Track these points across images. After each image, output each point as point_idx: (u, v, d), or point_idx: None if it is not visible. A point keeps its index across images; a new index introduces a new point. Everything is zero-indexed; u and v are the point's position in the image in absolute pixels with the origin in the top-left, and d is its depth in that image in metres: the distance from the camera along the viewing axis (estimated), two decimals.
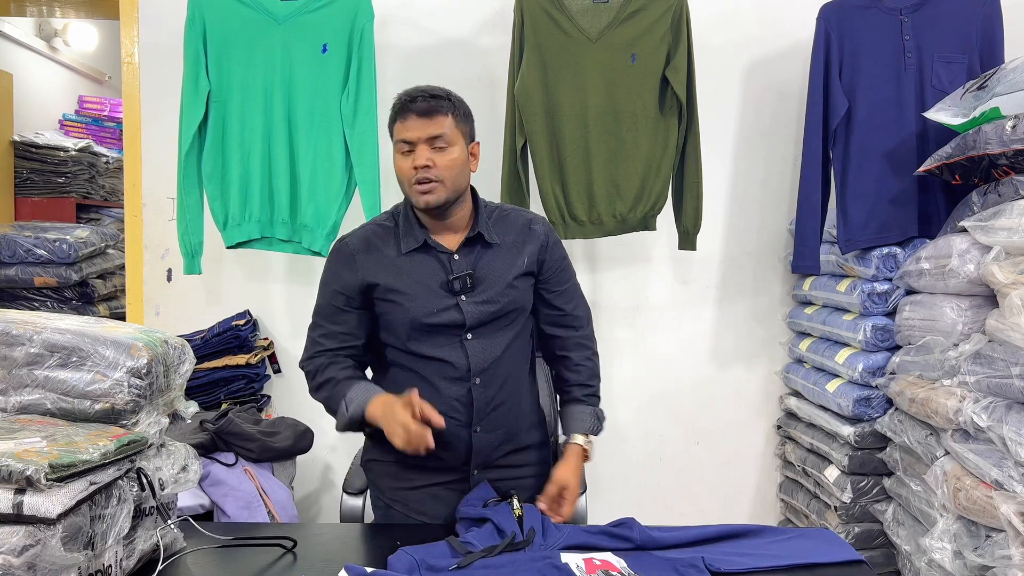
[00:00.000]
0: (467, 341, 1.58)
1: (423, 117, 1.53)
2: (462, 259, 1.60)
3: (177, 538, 1.33)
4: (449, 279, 1.57)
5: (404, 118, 1.54)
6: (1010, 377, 1.78)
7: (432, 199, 1.54)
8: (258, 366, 2.68)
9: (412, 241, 1.60)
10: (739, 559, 1.30)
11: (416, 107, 1.53)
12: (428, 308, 1.56)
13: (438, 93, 1.56)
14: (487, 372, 1.59)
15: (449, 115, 1.55)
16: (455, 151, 1.55)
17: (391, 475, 1.65)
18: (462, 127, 1.58)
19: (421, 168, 1.52)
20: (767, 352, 2.90)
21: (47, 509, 0.98)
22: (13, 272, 3.56)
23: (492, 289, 1.59)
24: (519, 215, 1.70)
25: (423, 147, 1.53)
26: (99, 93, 5.31)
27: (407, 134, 1.54)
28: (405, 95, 1.57)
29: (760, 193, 2.85)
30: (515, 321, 1.63)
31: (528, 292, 1.65)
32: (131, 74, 2.76)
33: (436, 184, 1.53)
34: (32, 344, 1.18)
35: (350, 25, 2.46)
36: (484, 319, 1.58)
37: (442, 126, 1.54)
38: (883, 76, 2.46)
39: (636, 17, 2.46)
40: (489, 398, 1.60)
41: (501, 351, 1.60)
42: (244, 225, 2.51)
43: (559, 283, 1.70)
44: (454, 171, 1.55)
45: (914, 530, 2.19)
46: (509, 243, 1.64)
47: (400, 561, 1.25)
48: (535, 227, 1.67)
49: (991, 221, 1.94)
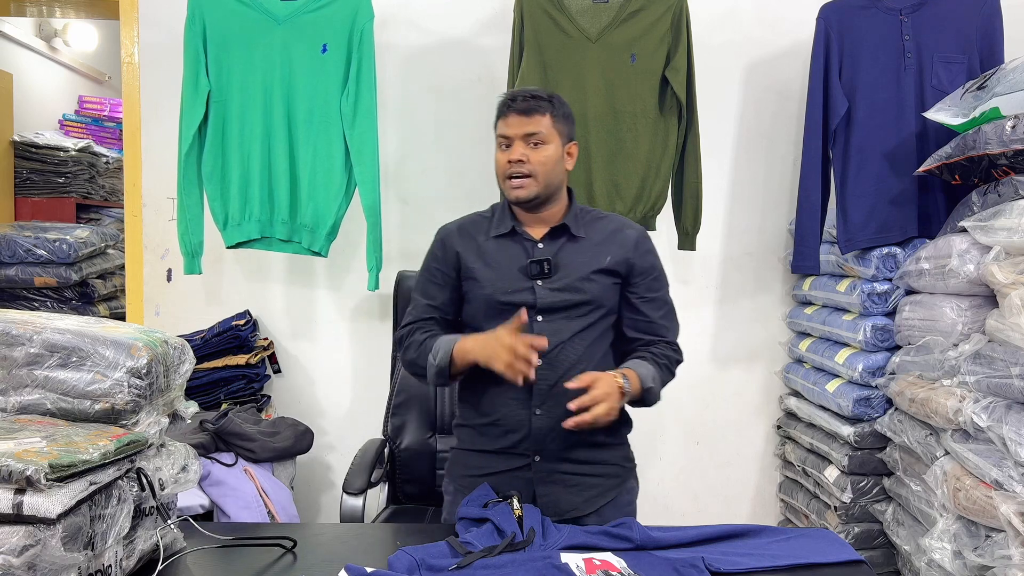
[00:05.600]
0: (536, 323, 1.61)
1: (522, 115, 1.61)
2: (546, 247, 1.65)
3: (177, 538, 1.33)
4: (528, 262, 1.62)
5: (505, 116, 1.63)
6: (1010, 377, 1.78)
7: (523, 193, 1.61)
8: (258, 366, 2.68)
9: (501, 227, 1.67)
10: (739, 559, 1.30)
11: (517, 105, 1.61)
12: (503, 287, 1.62)
13: (539, 94, 1.64)
14: (550, 355, 1.59)
15: (547, 115, 1.62)
16: (550, 149, 1.62)
17: (462, 463, 1.71)
18: (559, 127, 1.64)
19: (515, 162, 1.60)
20: (767, 352, 2.90)
21: (47, 509, 0.98)
22: (13, 272, 3.56)
23: (569, 278, 1.62)
24: (615, 219, 1.73)
25: (519, 143, 1.61)
26: (99, 93, 5.31)
27: (506, 130, 1.62)
28: (507, 95, 1.66)
29: (760, 193, 2.85)
30: (589, 314, 1.63)
31: (609, 290, 1.65)
32: (131, 74, 2.76)
33: (528, 179, 1.60)
34: (32, 344, 1.18)
35: (350, 25, 2.46)
36: (556, 305, 1.61)
37: (539, 124, 1.61)
38: (883, 76, 2.46)
39: (636, 17, 2.46)
40: (551, 381, 1.59)
41: (568, 337, 1.61)
42: (244, 225, 2.51)
43: (649, 290, 1.68)
44: (547, 167, 1.61)
45: (914, 530, 2.19)
46: (596, 240, 1.67)
47: (400, 561, 1.25)
48: (628, 231, 1.69)
49: (991, 221, 1.94)
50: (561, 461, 1.63)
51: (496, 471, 1.64)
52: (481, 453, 1.67)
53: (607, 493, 1.66)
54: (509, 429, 1.63)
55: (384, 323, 2.75)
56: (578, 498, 1.63)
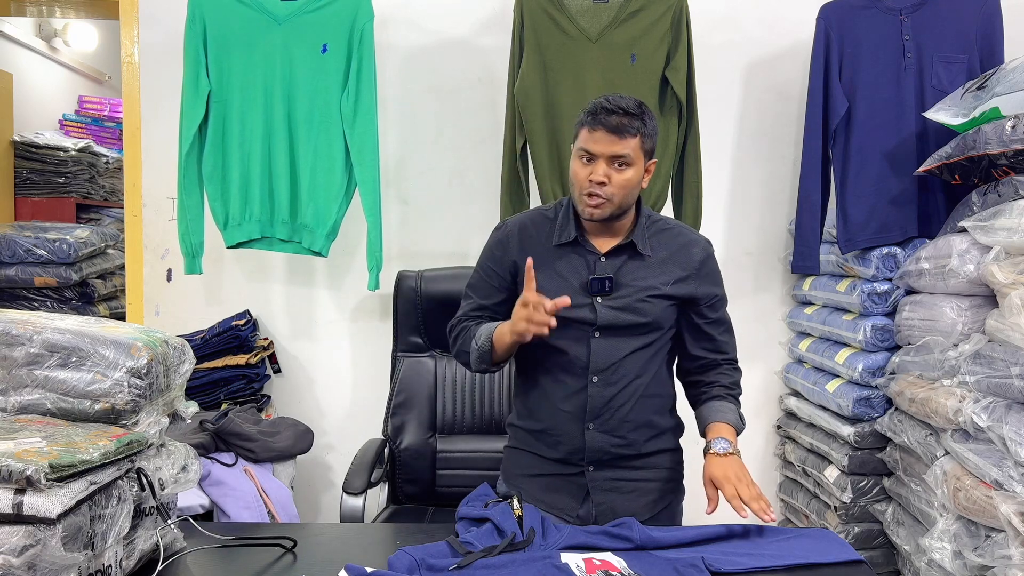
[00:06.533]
0: (594, 339, 1.59)
1: (612, 134, 1.51)
2: (608, 263, 1.60)
3: (177, 538, 1.33)
4: (589, 279, 1.58)
5: (593, 129, 1.53)
6: (1010, 377, 1.78)
7: (598, 213, 1.56)
8: (258, 366, 2.68)
9: (566, 236, 1.62)
10: (739, 559, 1.30)
11: (609, 122, 1.51)
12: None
13: (633, 111, 1.53)
14: (606, 372, 1.58)
15: (638, 136, 1.53)
16: (632, 171, 1.55)
17: (516, 462, 1.70)
18: (646, 147, 1.56)
19: (597, 184, 1.53)
20: (767, 352, 2.90)
21: (47, 509, 0.98)
22: (13, 272, 3.56)
23: (629, 297, 1.59)
24: (681, 232, 1.67)
25: (603, 162, 1.53)
26: (99, 93, 5.31)
27: (592, 146, 1.53)
28: (602, 103, 1.54)
29: (760, 193, 2.85)
30: (647, 334, 1.61)
31: (667, 312, 1.62)
32: (131, 74, 2.76)
33: (605, 202, 1.54)
34: (32, 344, 1.18)
35: (350, 25, 2.46)
36: (616, 323, 1.58)
37: (628, 147, 1.52)
38: (883, 76, 2.46)
39: (636, 17, 2.46)
40: (606, 399, 1.58)
41: (624, 355, 1.59)
42: (244, 225, 2.51)
43: (712, 310, 1.67)
44: (627, 190, 1.55)
45: (914, 530, 2.19)
46: (661, 259, 1.62)
47: (400, 561, 1.24)
48: (693, 250, 1.64)
49: (991, 221, 1.94)
50: (616, 469, 1.62)
51: (550, 473, 1.64)
52: (535, 456, 1.67)
53: (665, 497, 1.66)
54: (561, 441, 1.62)
55: (384, 323, 2.74)
56: (635, 504, 1.61)
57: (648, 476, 1.64)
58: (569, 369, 1.60)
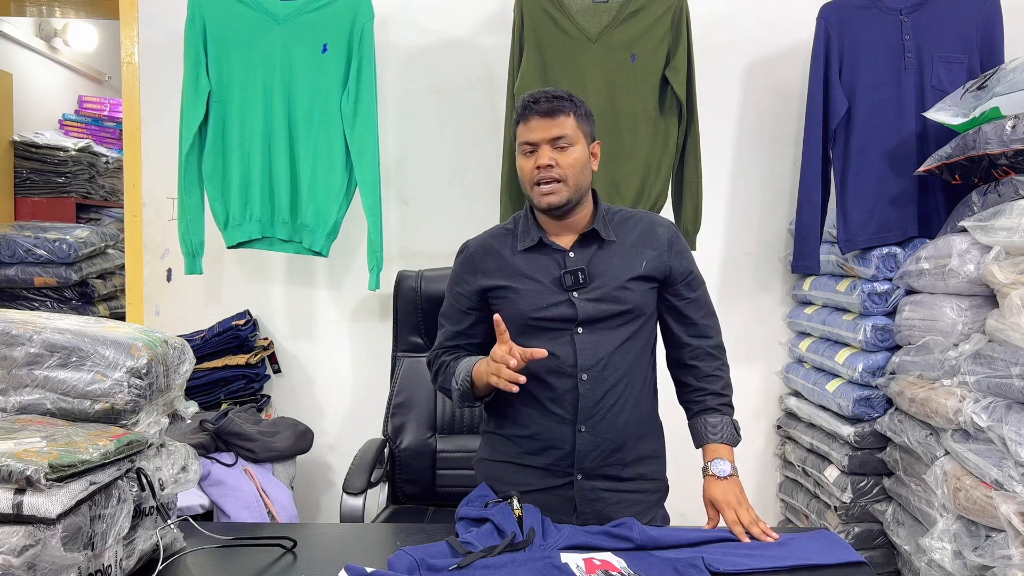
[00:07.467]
0: (577, 335, 1.56)
1: (545, 117, 1.54)
2: (577, 256, 1.59)
3: (177, 538, 1.33)
4: (562, 274, 1.57)
5: (527, 120, 1.55)
6: (1010, 377, 1.78)
7: (554, 199, 1.55)
8: (258, 366, 2.69)
9: (528, 240, 1.61)
10: (739, 559, 1.30)
11: (539, 108, 1.54)
12: (539, 303, 1.57)
13: (559, 94, 1.56)
14: (595, 369, 1.56)
15: (571, 115, 1.55)
16: (577, 151, 1.55)
17: (498, 478, 1.62)
18: (584, 127, 1.58)
19: (544, 168, 1.53)
20: (767, 352, 2.90)
21: (47, 509, 0.98)
22: (13, 272, 3.56)
23: (606, 287, 1.57)
24: (644, 216, 1.67)
25: (545, 147, 1.54)
26: (99, 93, 5.31)
27: (530, 135, 1.55)
28: (528, 97, 1.57)
29: (760, 193, 2.85)
30: (630, 322, 1.59)
31: (647, 296, 1.61)
32: (131, 74, 2.76)
33: (559, 184, 1.54)
34: (32, 344, 1.18)
35: (350, 25, 2.46)
36: (597, 316, 1.56)
37: (564, 126, 1.54)
38: (883, 76, 2.46)
39: (636, 17, 2.46)
40: (597, 397, 1.56)
41: (612, 349, 1.56)
42: (245, 225, 2.51)
43: (689, 289, 1.65)
44: (576, 170, 1.55)
45: (914, 530, 2.19)
46: (630, 243, 1.61)
47: (400, 561, 1.24)
48: (659, 230, 1.63)
49: (991, 221, 1.94)
50: (604, 479, 1.59)
51: (537, 488, 1.59)
52: (520, 467, 1.61)
53: (651, 509, 1.65)
54: (550, 445, 1.58)
55: (384, 323, 2.75)
56: (622, 515, 1.57)
57: (636, 487, 1.62)
58: (556, 370, 1.56)
